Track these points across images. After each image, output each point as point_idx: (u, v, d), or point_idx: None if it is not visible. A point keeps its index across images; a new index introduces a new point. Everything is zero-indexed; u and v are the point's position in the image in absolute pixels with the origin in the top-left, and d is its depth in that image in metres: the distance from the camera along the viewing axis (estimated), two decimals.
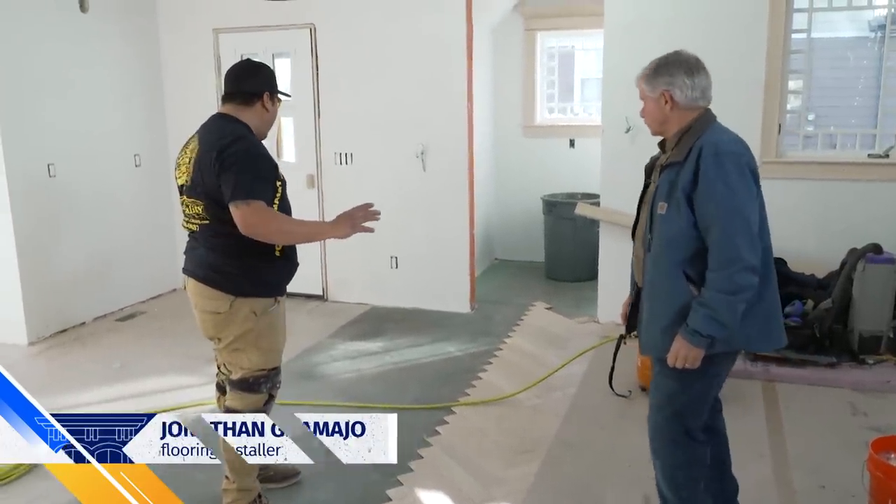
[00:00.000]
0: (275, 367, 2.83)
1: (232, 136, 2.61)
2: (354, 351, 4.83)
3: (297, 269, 2.87)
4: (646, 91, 2.37)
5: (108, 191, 5.66)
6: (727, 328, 2.19)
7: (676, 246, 2.26)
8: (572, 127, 7.09)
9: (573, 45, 7.29)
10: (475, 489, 3.10)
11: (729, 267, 2.15)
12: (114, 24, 5.64)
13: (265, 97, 2.75)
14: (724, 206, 2.15)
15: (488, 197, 6.97)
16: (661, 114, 2.35)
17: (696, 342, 2.21)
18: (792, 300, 4.47)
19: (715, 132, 2.28)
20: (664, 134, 2.40)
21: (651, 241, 2.34)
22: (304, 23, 5.67)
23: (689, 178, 2.21)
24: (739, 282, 2.15)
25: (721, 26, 4.73)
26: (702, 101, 2.34)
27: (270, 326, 2.77)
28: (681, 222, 2.23)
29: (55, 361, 4.75)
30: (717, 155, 2.18)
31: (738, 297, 2.16)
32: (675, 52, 2.37)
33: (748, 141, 4.92)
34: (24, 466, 3.27)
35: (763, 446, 3.43)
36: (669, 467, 2.42)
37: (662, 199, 2.29)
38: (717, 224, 2.16)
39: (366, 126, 5.65)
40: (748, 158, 2.23)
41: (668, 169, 2.31)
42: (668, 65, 2.33)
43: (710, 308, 2.17)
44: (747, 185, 2.19)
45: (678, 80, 2.29)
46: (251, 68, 2.85)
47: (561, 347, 4.79)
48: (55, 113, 5.17)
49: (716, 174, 2.16)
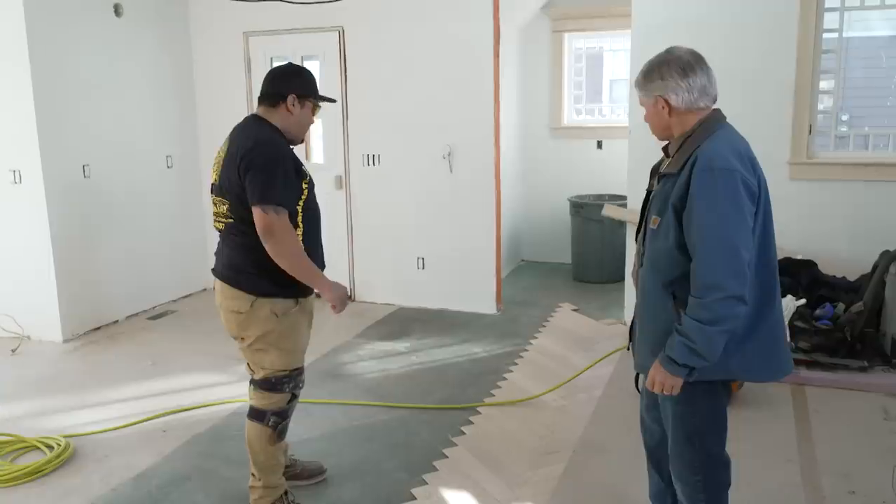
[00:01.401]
0: (297, 368, 2.84)
1: (255, 138, 2.66)
2: (381, 351, 4.87)
3: (320, 268, 2.88)
4: (641, 97, 2.21)
5: (140, 192, 5.76)
6: (704, 359, 2.02)
7: (664, 265, 2.12)
8: (600, 128, 7.07)
9: (601, 45, 7.27)
10: (500, 489, 3.11)
11: (709, 294, 1.98)
12: (147, 28, 5.75)
13: (290, 99, 2.74)
14: (708, 228, 1.98)
15: (515, 198, 6.97)
16: (661, 120, 2.18)
17: (672, 370, 2.07)
18: (823, 303, 4.41)
19: (716, 140, 2.07)
20: (669, 137, 2.22)
21: (644, 255, 2.22)
22: (333, 26, 5.72)
23: (680, 194, 2.04)
24: (720, 311, 1.97)
25: (750, 26, 4.68)
26: (703, 100, 2.12)
27: (292, 327, 2.78)
28: (668, 241, 2.08)
29: (89, 358, 4.85)
30: (710, 170, 1.99)
31: (716, 327, 1.98)
32: (666, 52, 2.17)
33: (778, 142, 4.93)
34: (58, 460, 3.35)
35: (791, 451, 3.39)
36: (690, 489, 2.29)
37: (655, 212, 2.15)
38: (699, 247, 1.99)
39: (393, 128, 5.69)
40: (745, 174, 2.01)
41: (664, 179, 2.15)
42: (658, 67, 2.14)
43: (686, 337, 2.02)
44: (738, 206, 1.98)
45: (671, 84, 2.10)
46: (281, 71, 2.89)
47: (587, 349, 4.78)
48: (90, 115, 5.28)
49: (704, 192, 1.99)
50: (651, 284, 2.19)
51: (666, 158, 2.26)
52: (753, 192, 2.04)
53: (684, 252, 2.07)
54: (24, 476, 3.22)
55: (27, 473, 3.24)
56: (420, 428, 3.72)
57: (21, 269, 5.11)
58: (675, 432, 2.27)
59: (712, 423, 2.25)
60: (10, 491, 3.14)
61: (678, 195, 2.06)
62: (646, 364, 2.23)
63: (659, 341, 2.14)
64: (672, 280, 2.12)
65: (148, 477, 3.27)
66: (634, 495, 2.92)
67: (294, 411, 2.94)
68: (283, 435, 2.88)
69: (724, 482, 2.32)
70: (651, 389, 2.16)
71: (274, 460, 2.88)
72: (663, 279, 2.13)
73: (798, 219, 4.71)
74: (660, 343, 2.13)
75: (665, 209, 2.10)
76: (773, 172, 4.75)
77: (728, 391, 2.29)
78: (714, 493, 2.30)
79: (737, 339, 2.08)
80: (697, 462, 2.26)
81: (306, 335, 2.90)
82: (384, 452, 3.44)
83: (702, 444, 2.25)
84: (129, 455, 3.47)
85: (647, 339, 2.23)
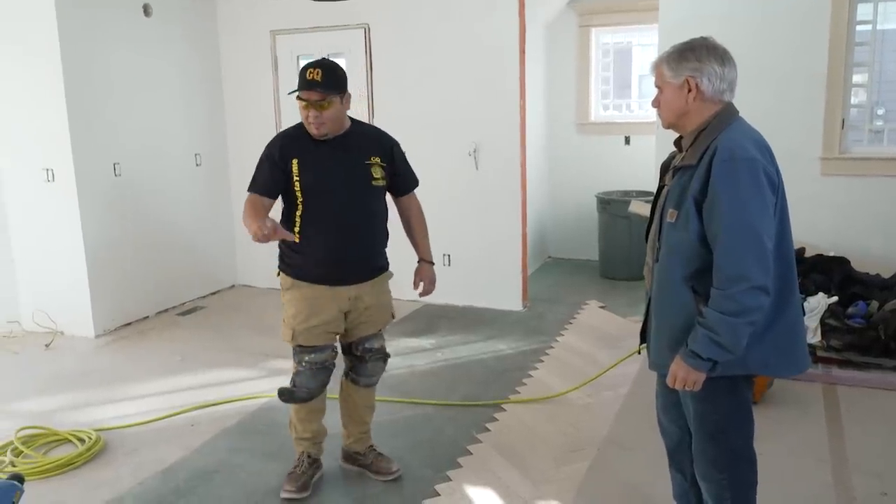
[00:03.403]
0: (299, 345, 2.98)
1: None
2: (406, 347, 4.87)
3: (328, 265, 2.93)
4: (667, 76, 2.12)
5: (169, 190, 5.83)
6: (729, 352, 2.00)
7: (683, 258, 2.08)
8: (627, 124, 7.01)
9: (630, 40, 7.20)
10: (524, 487, 3.10)
11: (734, 285, 1.95)
12: (176, 27, 5.81)
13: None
14: (732, 218, 1.95)
15: (542, 195, 6.94)
16: (680, 103, 2.11)
17: (695, 365, 2.03)
18: (855, 301, 4.32)
19: (734, 131, 2.05)
20: (680, 128, 2.18)
21: (659, 250, 2.17)
22: (359, 23, 5.74)
23: (700, 185, 2.01)
24: (745, 302, 1.95)
25: (779, 19, 4.62)
26: (727, 94, 2.11)
27: (290, 303, 2.99)
28: (689, 233, 2.04)
29: (120, 353, 4.93)
30: (732, 160, 1.97)
31: (741, 318, 1.96)
32: (701, 38, 2.12)
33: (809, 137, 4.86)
34: (88, 453, 3.41)
35: (823, 451, 3.33)
36: (715, 487, 2.25)
37: (672, 205, 2.10)
38: (723, 237, 1.96)
39: (419, 124, 5.69)
40: (766, 165, 2.00)
41: (680, 172, 2.11)
42: (695, 49, 2.08)
43: (710, 330, 1.98)
44: (761, 195, 1.97)
45: (707, 68, 2.06)
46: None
47: (614, 347, 4.74)
48: (120, 114, 5.35)
49: (726, 182, 1.96)
50: (669, 279, 2.15)
51: (678, 153, 2.22)
52: (774, 183, 2.02)
53: (705, 244, 2.04)
54: (56, 468, 3.29)
55: (59, 466, 3.30)
56: (444, 424, 3.72)
57: (54, 266, 5.21)
58: (699, 430, 2.24)
59: (736, 419, 2.22)
60: (42, 483, 3.20)
61: (698, 187, 2.03)
62: (661, 362, 2.20)
63: (677, 337, 2.11)
64: (691, 273, 2.08)
65: (176, 471, 3.31)
66: (659, 494, 2.89)
67: (318, 402, 3.08)
68: (294, 398, 3.03)
69: (751, 480, 2.27)
70: (672, 386, 2.13)
71: (295, 415, 3.10)
72: (683, 273, 2.10)
73: (830, 215, 4.64)
74: (678, 339, 2.10)
75: (683, 201, 2.07)
76: (804, 168, 4.71)
77: (751, 386, 2.25)
78: (740, 492, 2.25)
79: (756, 332, 2.04)
80: (722, 460, 2.22)
81: (302, 319, 2.94)
82: (409, 448, 3.44)
83: (726, 441, 2.21)
84: (158, 449, 3.52)
85: (664, 336, 2.19)
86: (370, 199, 2.97)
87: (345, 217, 2.91)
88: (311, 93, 2.80)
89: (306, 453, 3.13)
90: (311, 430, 3.12)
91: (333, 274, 2.94)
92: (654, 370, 2.32)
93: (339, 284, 2.95)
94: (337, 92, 2.84)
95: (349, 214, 2.92)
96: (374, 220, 3.02)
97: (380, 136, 3.09)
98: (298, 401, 3.04)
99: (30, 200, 5.19)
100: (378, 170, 2.97)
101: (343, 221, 2.91)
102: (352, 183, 2.92)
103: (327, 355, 3.03)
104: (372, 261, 3.05)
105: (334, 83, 2.84)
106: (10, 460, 3.31)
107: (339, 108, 2.86)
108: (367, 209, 2.96)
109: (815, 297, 4.22)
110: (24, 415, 3.89)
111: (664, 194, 2.21)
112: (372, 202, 2.98)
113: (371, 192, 2.96)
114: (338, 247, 2.92)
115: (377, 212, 3.02)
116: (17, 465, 3.27)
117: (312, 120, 2.84)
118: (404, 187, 3.14)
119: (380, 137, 3.08)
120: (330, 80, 2.82)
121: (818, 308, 4.18)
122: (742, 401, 2.22)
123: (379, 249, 3.09)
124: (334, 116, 2.86)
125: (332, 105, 2.83)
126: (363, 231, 2.98)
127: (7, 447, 3.44)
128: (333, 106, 2.83)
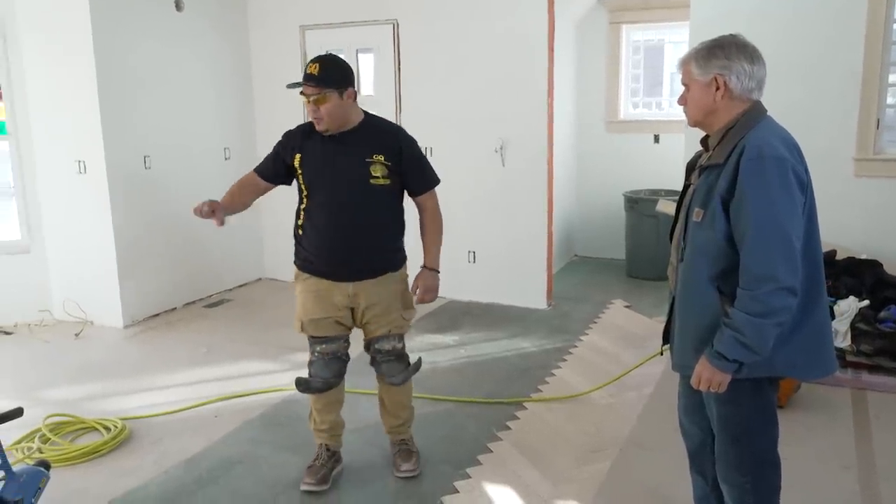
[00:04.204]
0: (311, 336, 3.05)
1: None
2: (430, 343, 4.87)
3: (325, 260, 2.96)
4: (694, 74, 2.09)
5: (199, 183, 5.87)
6: (756, 353, 1.96)
7: (709, 258, 2.05)
8: (657, 122, 6.93)
9: (662, 38, 7.11)
10: (543, 486, 3.08)
11: (761, 286, 1.91)
12: (207, 21, 5.87)
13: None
14: (760, 217, 1.91)
15: (569, 192, 6.90)
16: (708, 102, 2.08)
17: (720, 366, 2.00)
18: (887, 305, 4.22)
19: (762, 130, 2.01)
20: (706, 126, 2.14)
21: (684, 249, 2.14)
22: (388, 19, 5.74)
23: (727, 184, 1.98)
24: (772, 303, 1.91)
25: (813, 15, 4.53)
26: (756, 93, 2.07)
27: (299, 294, 3.06)
28: (715, 232, 2.01)
29: (147, 344, 5.00)
30: (760, 158, 1.93)
31: (768, 319, 1.92)
32: (731, 35, 2.08)
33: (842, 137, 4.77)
34: (114, 442, 3.47)
35: (850, 458, 3.26)
36: (738, 491, 2.22)
37: (698, 204, 2.07)
38: (750, 237, 1.93)
39: (446, 121, 5.68)
40: (795, 163, 1.96)
41: (707, 171, 2.08)
42: (724, 46, 2.05)
43: (736, 331, 1.95)
44: (790, 194, 1.93)
45: (736, 66, 2.02)
46: None
47: (639, 347, 4.70)
48: (151, 108, 5.42)
49: (754, 180, 1.92)
50: (694, 279, 2.11)
51: (704, 152, 2.19)
52: (803, 182, 1.98)
53: (731, 244, 2.01)
54: (82, 456, 3.34)
55: (85, 453, 3.36)
56: (466, 422, 3.72)
57: (85, 257, 5.30)
58: (722, 433, 2.21)
59: (760, 422, 2.18)
60: (68, 470, 3.26)
61: (725, 186, 1.99)
62: (685, 363, 2.17)
63: (703, 338, 2.08)
64: (718, 273, 2.05)
65: (198, 461, 3.35)
66: (680, 497, 2.86)
67: (335, 394, 3.13)
68: (310, 388, 3.08)
69: (774, 485, 2.23)
70: (696, 387, 2.10)
71: (313, 406, 3.15)
72: (709, 273, 2.07)
73: (862, 217, 4.54)
74: (703, 340, 2.07)
75: (710, 200, 2.04)
76: (837, 168, 4.62)
77: (776, 388, 2.21)
78: (763, 496, 2.22)
79: (783, 334, 2.01)
80: (745, 463, 2.19)
81: (308, 310, 3.01)
82: (429, 445, 3.44)
83: (749, 445, 2.17)
84: (182, 439, 3.56)
85: (688, 336, 2.16)
86: (368, 198, 2.92)
87: (340, 214, 2.91)
88: (307, 86, 2.82)
89: (325, 445, 3.16)
90: (328, 421, 3.14)
91: (330, 269, 2.97)
92: (678, 371, 2.28)
93: (336, 280, 2.97)
94: (335, 87, 2.80)
95: (345, 212, 2.91)
96: (374, 219, 2.96)
97: (389, 134, 3.01)
98: (314, 391, 3.08)
99: (62, 192, 5.28)
100: (380, 168, 2.90)
101: (338, 218, 2.92)
102: (348, 180, 2.90)
103: (338, 346, 3.06)
104: (371, 260, 2.99)
105: (331, 78, 2.80)
106: (37, 447, 3.38)
107: (337, 103, 2.82)
108: (364, 207, 2.92)
109: (845, 301, 4.14)
110: (53, 402, 3.96)
111: (690, 193, 2.18)
112: (371, 201, 2.93)
113: (370, 190, 2.91)
114: (333, 243, 2.94)
115: (377, 211, 2.96)
116: (44, 451, 3.34)
117: (311, 115, 2.86)
118: (415, 187, 3.05)
119: (389, 135, 3.00)
120: (326, 75, 2.80)
121: (849, 312, 4.09)
122: (767, 403, 2.18)
123: (380, 248, 3.03)
124: (332, 111, 2.82)
125: (329, 100, 2.79)
126: (360, 229, 2.93)
127: (35, 434, 3.50)
128: (330, 101, 2.80)
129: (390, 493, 3.08)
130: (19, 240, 5.38)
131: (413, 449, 3.27)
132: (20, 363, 4.67)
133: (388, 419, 3.27)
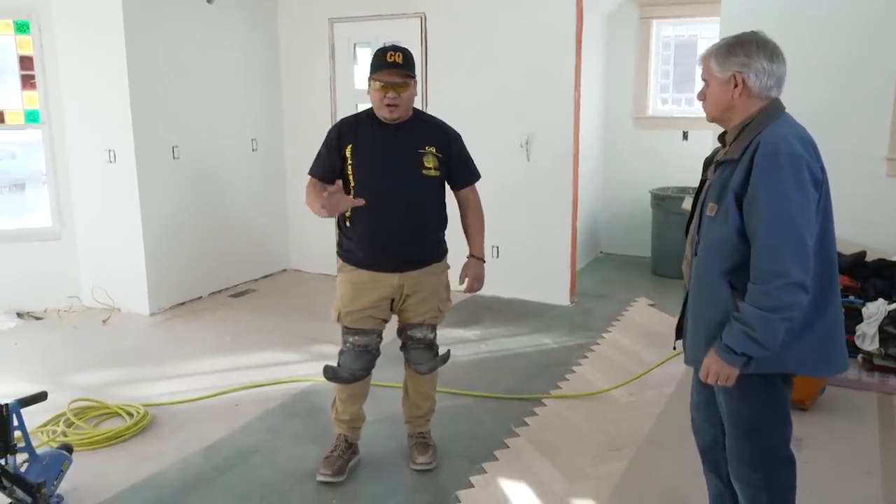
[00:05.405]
0: (345, 327, 3.06)
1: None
2: (451, 338, 4.87)
3: (372, 250, 2.97)
4: (713, 70, 2.10)
5: (226, 174, 5.96)
6: (764, 348, 1.97)
7: (722, 253, 2.05)
8: (686, 119, 6.84)
9: (694, 33, 7.01)
10: (559, 483, 3.07)
11: (771, 281, 1.92)
12: (236, 13, 5.92)
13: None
14: (772, 213, 1.92)
15: (596, 188, 6.84)
16: (726, 99, 2.08)
17: (728, 360, 2.01)
18: None
19: (779, 126, 2.01)
20: (724, 123, 2.15)
21: (698, 244, 2.16)
22: (415, 12, 5.74)
23: (741, 179, 1.99)
24: (782, 298, 1.92)
25: (847, 13, 4.44)
26: (775, 90, 2.07)
27: (340, 284, 3.08)
28: (728, 227, 2.02)
29: (173, 332, 5.07)
30: (775, 155, 1.93)
31: (778, 314, 1.93)
32: (752, 32, 2.09)
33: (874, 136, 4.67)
34: (136, 427, 3.52)
35: (873, 463, 3.21)
36: (750, 488, 2.20)
37: (713, 199, 2.08)
38: (762, 232, 1.93)
39: (472, 114, 5.65)
40: (810, 160, 1.96)
41: (722, 166, 2.08)
42: (744, 44, 2.05)
43: (745, 324, 1.96)
44: (804, 191, 1.93)
45: (755, 64, 2.02)
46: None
47: (661, 345, 4.65)
48: (180, 98, 5.48)
49: (768, 176, 1.93)
50: (707, 273, 2.12)
51: (722, 148, 2.19)
52: (818, 179, 1.98)
53: (744, 239, 2.01)
54: (105, 440, 3.40)
55: (107, 438, 3.42)
56: (484, 417, 3.72)
57: (114, 245, 5.39)
58: (732, 428, 2.20)
59: (770, 418, 2.17)
60: (91, 454, 3.32)
61: (738, 181, 2.00)
62: (697, 357, 2.17)
63: (714, 332, 2.08)
64: (730, 268, 2.05)
65: (218, 448, 3.39)
66: (698, 498, 2.82)
67: (360, 386, 3.16)
68: (338, 377, 3.10)
69: (789, 483, 2.21)
70: (704, 380, 2.10)
71: (338, 395, 3.17)
72: (721, 268, 2.07)
73: (894, 218, 4.44)
74: (715, 334, 2.07)
75: (724, 195, 2.04)
76: (868, 168, 4.52)
77: (789, 386, 2.19)
78: (777, 494, 2.20)
79: (794, 331, 2.01)
80: (756, 459, 2.18)
81: (348, 301, 3.02)
82: (447, 439, 3.44)
83: (759, 440, 2.17)
84: (203, 426, 3.61)
85: (700, 330, 2.15)
86: (419, 188, 2.97)
87: (390, 203, 2.92)
88: (394, 74, 2.85)
89: (343, 436, 3.18)
90: (350, 412, 3.16)
91: (376, 259, 2.97)
92: (690, 365, 2.28)
93: (382, 271, 2.98)
94: (414, 75, 2.91)
95: (395, 201, 2.93)
96: (423, 209, 3.01)
97: (439, 127, 3.09)
98: (341, 380, 3.10)
99: (92, 180, 5.37)
100: (431, 159, 2.96)
101: (388, 208, 2.92)
102: (401, 170, 2.93)
103: (371, 339, 3.07)
104: (417, 250, 3.04)
105: (412, 66, 2.91)
106: (62, 430, 3.44)
107: (414, 91, 2.93)
108: (415, 197, 2.97)
109: (874, 303, 4.06)
110: (79, 387, 4.03)
111: (705, 189, 2.18)
112: (421, 191, 2.97)
113: (421, 180, 2.96)
114: (381, 232, 2.95)
115: (426, 201, 3.01)
116: (67, 435, 3.39)
117: (390, 101, 2.87)
118: (461, 181, 3.12)
119: (439, 128, 3.08)
120: (410, 63, 2.90)
121: (877, 314, 4.01)
122: (778, 399, 2.16)
123: (427, 239, 3.08)
124: (409, 99, 2.92)
125: (410, 87, 2.89)
126: (409, 219, 2.97)
127: (60, 418, 3.57)
128: (411, 88, 2.89)
129: (406, 486, 3.09)
130: (50, 227, 5.48)
131: (430, 442, 3.27)
132: (49, 348, 4.76)
133: (409, 409, 3.28)
